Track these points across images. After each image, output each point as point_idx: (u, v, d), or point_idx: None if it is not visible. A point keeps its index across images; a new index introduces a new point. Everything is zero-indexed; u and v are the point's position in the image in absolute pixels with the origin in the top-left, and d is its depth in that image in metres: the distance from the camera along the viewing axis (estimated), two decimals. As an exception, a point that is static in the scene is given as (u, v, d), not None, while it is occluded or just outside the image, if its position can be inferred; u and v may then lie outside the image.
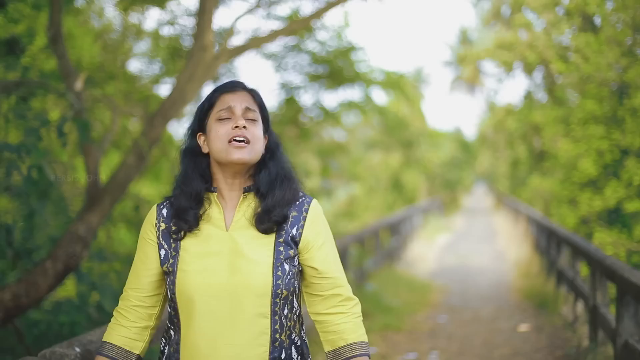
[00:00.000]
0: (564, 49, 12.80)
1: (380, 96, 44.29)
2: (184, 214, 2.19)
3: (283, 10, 9.59)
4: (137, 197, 9.93)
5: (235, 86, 2.27)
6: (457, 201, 43.37)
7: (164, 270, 2.21)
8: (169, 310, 2.25)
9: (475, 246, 19.73)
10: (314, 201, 2.29)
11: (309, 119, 12.43)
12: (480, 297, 11.31)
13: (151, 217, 2.26)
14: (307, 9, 16.64)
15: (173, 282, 2.16)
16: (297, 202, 2.25)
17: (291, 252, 2.21)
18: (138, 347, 2.25)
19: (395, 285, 11.55)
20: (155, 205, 2.28)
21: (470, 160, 43.70)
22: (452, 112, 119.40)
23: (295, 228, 2.22)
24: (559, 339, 8.09)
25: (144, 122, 7.02)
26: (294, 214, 2.23)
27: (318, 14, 7.70)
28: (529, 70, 18.26)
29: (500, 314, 9.82)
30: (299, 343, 2.26)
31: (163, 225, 2.23)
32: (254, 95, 2.27)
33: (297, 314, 2.26)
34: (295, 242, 2.22)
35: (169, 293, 2.20)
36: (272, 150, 2.28)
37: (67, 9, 8.36)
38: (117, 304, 2.32)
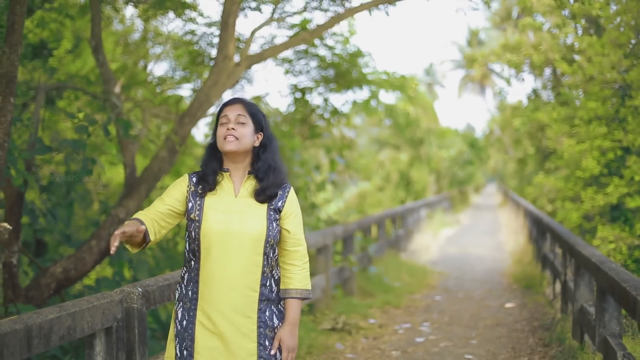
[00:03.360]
0: (569, 50, 13.13)
1: (389, 97, 45.04)
2: (206, 178, 3.36)
3: (295, 19, 10.46)
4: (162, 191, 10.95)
5: (233, 101, 3.43)
6: (467, 198, 44.16)
7: (191, 218, 3.32)
8: (191, 246, 3.32)
9: (477, 238, 20.75)
10: (292, 188, 3.45)
11: (319, 117, 13.31)
12: (475, 281, 12.38)
13: (185, 179, 3.42)
14: (317, 17, 17.55)
15: (199, 227, 3.29)
16: (282, 186, 3.40)
17: (277, 216, 3.35)
18: (148, 237, 3.27)
19: (398, 270, 12.61)
20: (187, 174, 3.45)
21: (482, 158, 44.26)
22: (464, 110, 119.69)
23: (280, 202, 3.37)
24: (538, 313, 9.15)
25: (175, 121, 8.05)
26: (280, 192, 3.38)
27: (329, 24, 8.47)
28: (535, 71, 18.77)
29: (490, 294, 10.88)
30: (276, 277, 3.40)
31: (192, 188, 3.38)
32: (246, 106, 3.41)
33: (276, 258, 3.40)
34: (279, 210, 3.36)
35: (193, 234, 3.30)
36: (265, 145, 3.40)
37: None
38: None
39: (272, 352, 3.29)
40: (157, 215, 3.33)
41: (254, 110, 3.42)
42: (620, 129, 10.23)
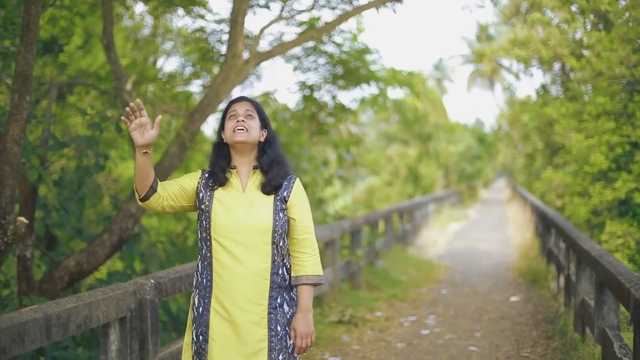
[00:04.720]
0: (578, 46, 13.08)
1: (397, 92, 45.05)
2: (217, 175, 3.53)
3: (304, 17, 10.58)
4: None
5: (240, 99, 3.62)
6: (476, 193, 44.21)
7: (202, 208, 3.49)
8: (203, 235, 3.50)
9: (485, 233, 20.86)
10: (297, 179, 3.63)
11: (327, 115, 13.45)
12: (481, 275, 12.52)
13: (198, 173, 3.61)
14: (326, 15, 17.64)
15: (209, 218, 3.46)
16: (288, 177, 3.57)
17: (283, 206, 3.50)
18: (156, 186, 3.45)
19: (405, 264, 12.76)
20: (201, 169, 3.63)
21: (491, 153, 44.27)
22: (473, 105, 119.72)
23: (286, 192, 3.52)
24: (542, 307, 9.29)
25: (185, 118, 8.21)
26: (285, 183, 3.54)
27: (337, 21, 8.58)
28: (544, 66, 18.72)
29: (496, 288, 11.02)
30: (288, 266, 3.54)
31: (204, 180, 3.55)
32: (253, 103, 3.62)
33: (286, 248, 3.55)
34: (285, 200, 3.51)
35: (205, 223, 3.48)
36: (270, 141, 3.59)
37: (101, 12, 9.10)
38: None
39: (289, 343, 3.45)
40: (167, 184, 3.51)
41: (259, 108, 3.62)
42: (629, 124, 10.27)
